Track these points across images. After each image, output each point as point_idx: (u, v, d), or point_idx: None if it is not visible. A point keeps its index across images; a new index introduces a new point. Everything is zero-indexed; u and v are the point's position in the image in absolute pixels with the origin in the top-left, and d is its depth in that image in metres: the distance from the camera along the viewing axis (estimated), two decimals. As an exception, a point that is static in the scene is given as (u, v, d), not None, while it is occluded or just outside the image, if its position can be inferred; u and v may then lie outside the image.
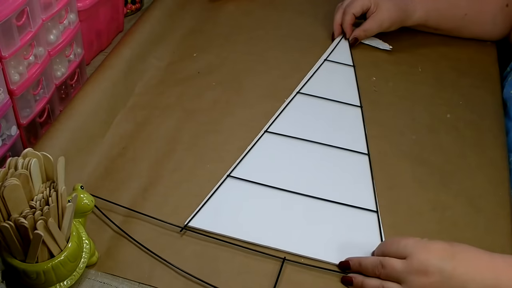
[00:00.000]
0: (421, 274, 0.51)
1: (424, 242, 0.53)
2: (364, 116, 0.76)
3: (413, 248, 0.52)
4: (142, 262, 0.56)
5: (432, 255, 0.51)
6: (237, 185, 0.65)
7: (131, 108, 0.75)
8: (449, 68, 0.87)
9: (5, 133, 0.61)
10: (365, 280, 0.55)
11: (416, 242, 0.53)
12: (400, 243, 0.54)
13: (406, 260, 0.52)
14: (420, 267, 0.51)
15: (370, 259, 0.56)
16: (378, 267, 0.54)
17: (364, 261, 0.56)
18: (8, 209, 0.46)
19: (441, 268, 0.51)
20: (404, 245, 0.53)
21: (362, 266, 0.56)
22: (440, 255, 0.51)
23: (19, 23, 0.59)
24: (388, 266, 0.53)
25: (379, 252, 0.56)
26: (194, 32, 0.90)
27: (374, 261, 0.54)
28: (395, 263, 0.53)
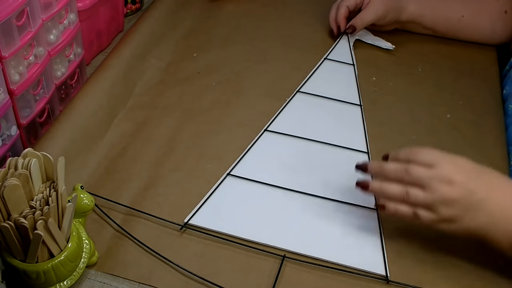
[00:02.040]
0: (446, 183, 0.52)
1: (451, 155, 0.54)
2: (364, 115, 0.76)
3: (440, 159, 0.54)
4: (142, 261, 0.56)
5: (459, 169, 0.53)
6: (237, 183, 0.65)
7: (131, 108, 0.75)
8: (449, 68, 0.87)
9: (5, 133, 0.62)
10: (384, 185, 0.55)
11: (443, 153, 0.55)
12: (427, 152, 0.55)
13: (432, 168, 0.53)
14: (446, 176, 0.52)
15: (393, 164, 0.56)
16: (402, 172, 0.54)
17: (386, 165, 0.56)
18: (8, 209, 0.46)
19: (465, 182, 0.52)
20: (432, 154, 0.54)
21: (384, 170, 0.56)
22: (466, 170, 0.53)
23: (19, 23, 0.59)
24: (413, 171, 0.53)
25: (403, 157, 0.56)
26: (194, 32, 0.90)
27: (398, 166, 0.55)
28: (421, 170, 0.53)
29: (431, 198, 0.53)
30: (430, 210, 0.53)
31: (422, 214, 0.54)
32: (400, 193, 0.54)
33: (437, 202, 0.52)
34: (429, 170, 0.53)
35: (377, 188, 0.56)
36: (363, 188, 0.57)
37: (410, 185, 0.54)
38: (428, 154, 0.54)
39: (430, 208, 0.53)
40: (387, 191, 0.55)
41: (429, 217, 0.54)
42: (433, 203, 0.53)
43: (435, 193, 0.52)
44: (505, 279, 0.58)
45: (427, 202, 0.53)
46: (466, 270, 0.59)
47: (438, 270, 0.58)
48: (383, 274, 0.57)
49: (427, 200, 0.53)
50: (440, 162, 0.53)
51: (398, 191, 0.54)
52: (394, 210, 0.55)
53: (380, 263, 0.58)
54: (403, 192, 0.54)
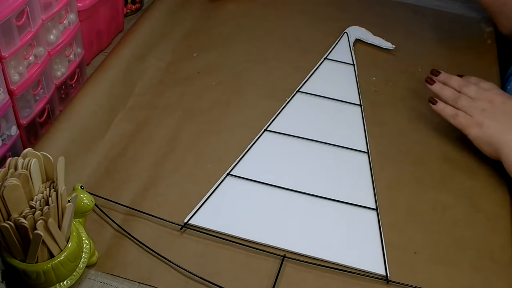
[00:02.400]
0: (489, 101, 0.67)
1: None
2: (364, 115, 0.76)
3: (495, 88, 0.70)
4: (142, 262, 0.56)
5: (505, 97, 0.68)
6: (237, 183, 0.65)
7: (131, 108, 0.75)
8: (449, 68, 0.87)
9: (5, 133, 0.62)
10: (444, 88, 0.71)
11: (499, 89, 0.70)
12: (491, 83, 0.71)
13: (485, 90, 0.69)
14: (491, 97, 0.68)
15: (459, 78, 0.72)
16: (463, 83, 0.70)
17: (454, 77, 0.72)
18: (8, 209, 0.46)
19: (502, 103, 0.67)
20: (492, 85, 0.71)
21: (451, 79, 0.72)
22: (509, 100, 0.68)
23: (19, 23, 0.59)
24: (471, 86, 0.69)
25: (473, 80, 0.71)
26: (194, 32, 0.90)
27: (462, 80, 0.71)
28: (476, 87, 0.69)
29: (474, 104, 0.67)
30: (468, 115, 0.67)
31: (461, 115, 0.68)
32: (454, 96, 0.70)
33: (477, 108, 0.67)
34: (482, 90, 0.69)
35: (438, 87, 0.72)
36: (429, 83, 0.73)
37: (463, 95, 0.69)
38: (489, 84, 0.70)
39: (470, 113, 0.67)
40: (444, 91, 0.71)
41: (466, 118, 0.68)
42: (474, 108, 0.67)
43: (478, 102, 0.67)
44: (505, 279, 0.58)
45: (470, 106, 0.68)
46: (466, 270, 0.59)
47: (438, 270, 0.58)
48: (383, 274, 0.57)
49: (471, 105, 0.68)
50: (493, 89, 0.69)
51: (452, 94, 0.70)
52: (441, 108, 0.70)
53: (380, 263, 0.58)
54: (456, 96, 0.70)
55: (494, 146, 0.66)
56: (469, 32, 0.96)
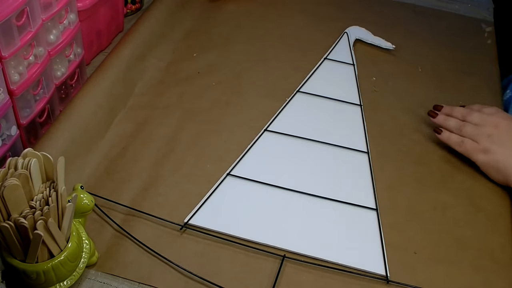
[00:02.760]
0: (494, 126, 0.67)
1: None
2: (364, 115, 0.76)
3: (500, 112, 0.70)
4: (142, 262, 0.56)
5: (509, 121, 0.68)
6: (237, 183, 0.65)
7: (131, 108, 0.75)
8: (449, 68, 0.87)
9: (5, 133, 0.61)
10: (447, 119, 0.71)
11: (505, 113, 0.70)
12: (493, 108, 0.71)
13: (489, 115, 0.69)
14: (495, 122, 0.67)
15: (461, 108, 0.72)
16: (466, 112, 0.70)
17: (456, 108, 0.72)
18: (8, 209, 0.46)
19: (508, 129, 0.66)
20: (494, 109, 0.70)
21: (453, 110, 0.72)
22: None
23: (19, 23, 0.59)
24: (475, 114, 0.69)
25: (475, 107, 0.72)
26: (194, 32, 0.90)
27: (465, 109, 0.71)
28: (480, 114, 0.69)
29: (480, 131, 0.67)
30: (475, 141, 0.67)
31: (467, 142, 0.68)
32: (458, 125, 0.70)
33: (483, 134, 0.67)
34: (486, 116, 0.69)
35: (441, 119, 0.72)
36: (432, 116, 0.73)
37: (467, 123, 0.69)
38: (492, 108, 0.70)
39: (475, 139, 0.67)
40: (448, 122, 0.71)
41: (472, 145, 0.68)
42: (479, 134, 0.67)
43: (483, 129, 0.67)
44: (506, 279, 0.58)
45: (475, 133, 0.68)
46: (467, 269, 0.59)
47: (438, 270, 0.58)
48: (383, 274, 0.57)
49: (476, 132, 0.68)
50: (497, 113, 0.69)
51: (456, 124, 0.70)
52: (447, 137, 0.70)
53: (380, 263, 0.58)
54: (460, 124, 0.70)
55: (502, 172, 0.65)
56: (469, 32, 0.96)
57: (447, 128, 0.71)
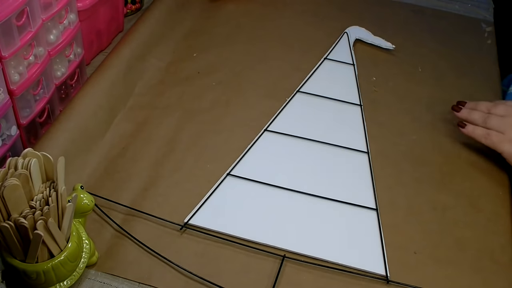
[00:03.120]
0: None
1: None
2: (364, 115, 0.76)
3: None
4: (142, 261, 0.56)
5: None
6: (237, 183, 0.65)
7: (131, 108, 0.75)
8: (449, 68, 0.87)
9: (5, 133, 0.61)
10: (471, 112, 0.70)
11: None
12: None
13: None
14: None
15: (485, 102, 0.71)
16: (491, 105, 0.69)
17: (480, 102, 0.71)
18: (8, 209, 0.46)
19: None
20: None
21: (477, 104, 0.71)
22: None
23: (19, 23, 0.59)
24: (499, 106, 0.68)
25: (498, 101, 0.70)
26: (194, 32, 0.90)
27: (489, 102, 0.70)
28: (505, 106, 0.68)
29: (505, 122, 0.66)
30: (501, 133, 0.66)
31: (493, 133, 0.67)
32: (482, 117, 0.68)
33: (509, 124, 0.66)
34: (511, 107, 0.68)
35: (465, 113, 0.71)
36: (456, 110, 0.72)
37: (492, 115, 0.68)
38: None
39: (501, 130, 0.66)
40: (472, 115, 0.70)
41: (498, 135, 0.67)
42: (505, 124, 0.66)
43: (509, 119, 0.66)
44: (505, 279, 0.58)
45: (501, 123, 0.67)
46: (466, 270, 0.59)
47: (438, 270, 0.58)
48: (383, 274, 0.57)
49: (502, 122, 0.67)
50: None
51: (481, 116, 0.69)
52: (471, 130, 0.69)
53: (380, 263, 0.58)
54: (484, 117, 0.68)
55: None
56: (469, 32, 0.96)
57: (471, 121, 0.70)
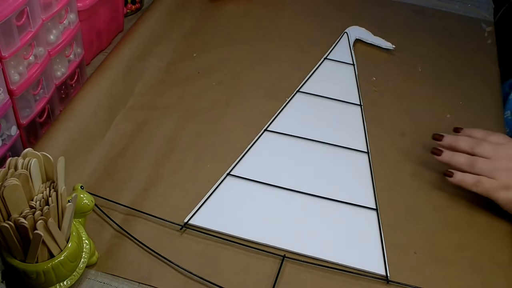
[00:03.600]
0: (509, 159, 0.60)
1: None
2: (364, 115, 0.76)
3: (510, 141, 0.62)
4: (142, 262, 0.56)
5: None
6: (237, 183, 0.65)
7: (131, 108, 0.75)
8: (449, 68, 0.87)
9: (5, 133, 0.61)
10: (454, 155, 0.63)
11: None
12: (499, 134, 0.64)
13: (500, 145, 0.61)
14: (510, 152, 0.61)
15: (466, 137, 0.64)
16: (473, 143, 0.63)
17: (460, 138, 0.64)
18: (8, 209, 0.46)
19: None
20: (503, 137, 0.63)
21: (458, 141, 0.64)
22: None
23: (19, 23, 0.59)
24: (484, 144, 0.62)
25: (479, 135, 0.64)
26: (194, 32, 0.90)
27: (471, 139, 0.63)
28: (491, 145, 0.62)
29: (495, 166, 0.60)
30: (492, 178, 0.60)
31: (484, 180, 0.60)
32: (469, 161, 0.62)
33: (500, 169, 0.60)
34: (498, 146, 0.61)
35: (448, 156, 0.64)
36: (437, 154, 0.65)
37: (478, 157, 0.62)
38: (499, 136, 0.63)
39: (492, 176, 0.60)
40: (456, 159, 0.63)
41: (491, 182, 0.60)
42: (495, 169, 0.60)
43: (498, 162, 0.60)
44: (505, 279, 0.58)
45: (491, 168, 0.60)
46: (466, 270, 0.59)
47: (438, 270, 0.58)
48: (383, 274, 0.57)
49: (492, 167, 0.60)
50: (508, 142, 0.62)
51: (466, 160, 0.62)
52: (460, 178, 0.62)
53: (380, 263, 0.58)
54: (471, 160, 0.62)
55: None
56: (469, 32, 0.96)
57: (457, 166, 0.63)
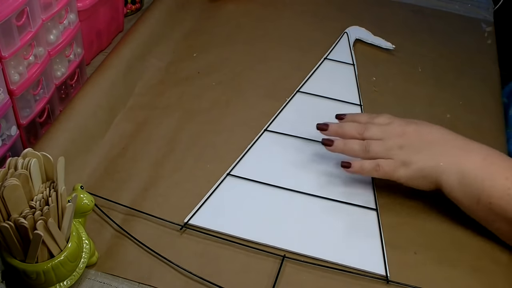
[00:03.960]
0: (398, 135, 0.60)
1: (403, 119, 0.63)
2: (364, 116, 0.76)
3: (394, 118, 0.63)
4: (142, 262, 0.56)
5: (409, 122, 0.62)
6: (237, 183, 0.65)
7: (131, 108, 0.75)
8: (449, 68, 0.87)
9: (5, 133, 0.62)
10: (347, 143, 0.62)
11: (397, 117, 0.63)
12: (384, 115, 0.64)
13: (388, 125, 0.62)
14: (398, 129, 0.61)
15: (352, 123, 0.63)
16: (361, 128, 0.62)
17: (346, 125, 0.63)
18: (8, 209, 0.46)
19: (414, 130, 0.60)
20: (387, 116, 0.63)
21: (344, 129, 0.63)
22: (415, 122, 0.62)
23: (19, 23, 0.59)
24: (372, 128, 0.61)
25: (363, 119, 0.64)
26: (194, 32, 0.90)
27: (358, 125, 0.63)
28: (379, 127, 0.62)
29: (388, 145, 0.60)
30: (389, 158, 0.60)
31: (382, 162, 0.60)
32: (362, 146, 0.61)
33: (393, 147, 0.60)
34: (385, 126, 0.61)
35: (341, 145, 0.62)
36: (328, 145, 0.63)
37: (370, 140, 0.61)
38: (384, 116, 0.63)
39: (388, 156, 0.60)
40: (349, 146, 0.62)
41: (389, 163, 0.60)
42: (390, 149, 0.60)
43: (390, 141, 0.60)
44: (505, 279, 0.58)
45: (385, 149, 0.60)
46: (466, 270, 0.59)
47: (438, 270, 0.58)
48: (383, 274, 0.57)
49: (385, 147, 0.60)
50: (394, 121, 0.62)
51: (360, 145, 0.61)
52: (359, 166, 0.61)
53: (380, 263, 0.58)
54: (364, 145, 0.61)
55: (429, 178, 0.59)
56: (469, 32, 0.96)
57: (351, 154, 0.62)
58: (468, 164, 0.58)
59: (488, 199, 0.57)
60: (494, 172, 0.57)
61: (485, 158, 0.58)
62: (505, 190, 0.56)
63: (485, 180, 0.57)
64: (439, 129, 0.61)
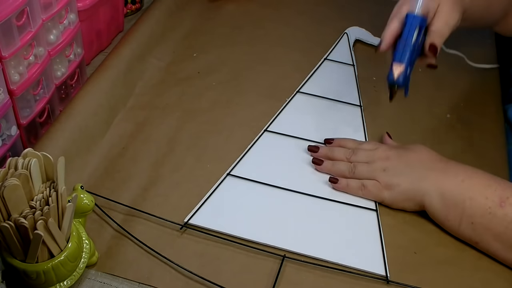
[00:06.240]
0: (383, 159, 0.63)
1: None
2: (364, 115, 0.76)
3: (380, 144, 0.67)
4: (142, 262, 0.56)
5: (393, 149, 0.65)
6: (237, 183, 0.65)
7: (131, 108, 0.75)
8: (449, 68, 0.87)
9: (5, 133, 0.62)
10: (335, 164, 0.66)
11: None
12: (370, 142, 0.69)
13: (374, 150, 0.65)
14: (383, 154, 0.64)
15: (340, 148, 0.68)
16: (349, 154, 0.66)
17: (335, 149, 0.67)
18: (8, 209, 0.46)
19: (397, 154, 0.64)
20: (373, 143, 0.68)
21: (333, 152, 0.67)
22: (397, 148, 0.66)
23: (19, 23, 0.59)
24: (359, 153, 0.65)
25: (350, 145, 0.68)
26: (194, 32, 0.90)
27: (346, 150, 0.67)
28: (366, 152, 0.65)
29: (373, 167, 0.63)
30: (374, 180, 0.63)
31: (367, 183, 0.63)
32: (349, 167, 0.65)
33: (377, 170, 0.63)
34: (371, 151, 0.65)
35: (329, 165, 0.66)
36: (318, 164, 0.67)
37: (357, 163, 0.65)
38: (370, 143, 0.67)
39: (373, 177, 0.63)
40: (337, 167, 0.65)
41: (373, 184, 0.63)
42: (374, 171, 0.63)
43: (375, 164, 0.63)
44: (505, 279, 0.58)
45: (370, 170, 0.63)
46: (466, 270, 0.59)
47: (438, 270, 0.58)
48: (383, 274, 0.57)
49: (370, 169, 0.63)
50: (379, 147, 0.66)
51: (347, 166, 0.65)
52: (345, 184, 0.64)
53: (380, 263, 0.58)
54: (351, 166, 0.64)
55: (413, 200, 0.61)
56: (469, 32, 0.96)
57: (339, 173, 0.65)
58: (448, 186, 0.59)
59: (470, 219, 0.58)
60: (474, 192, 0.58)
61: (464, 179, 0.59)
62: (486, 209, 0.57)
63: (466, 201, 0.58)
64: (422, 152, 0.64)
